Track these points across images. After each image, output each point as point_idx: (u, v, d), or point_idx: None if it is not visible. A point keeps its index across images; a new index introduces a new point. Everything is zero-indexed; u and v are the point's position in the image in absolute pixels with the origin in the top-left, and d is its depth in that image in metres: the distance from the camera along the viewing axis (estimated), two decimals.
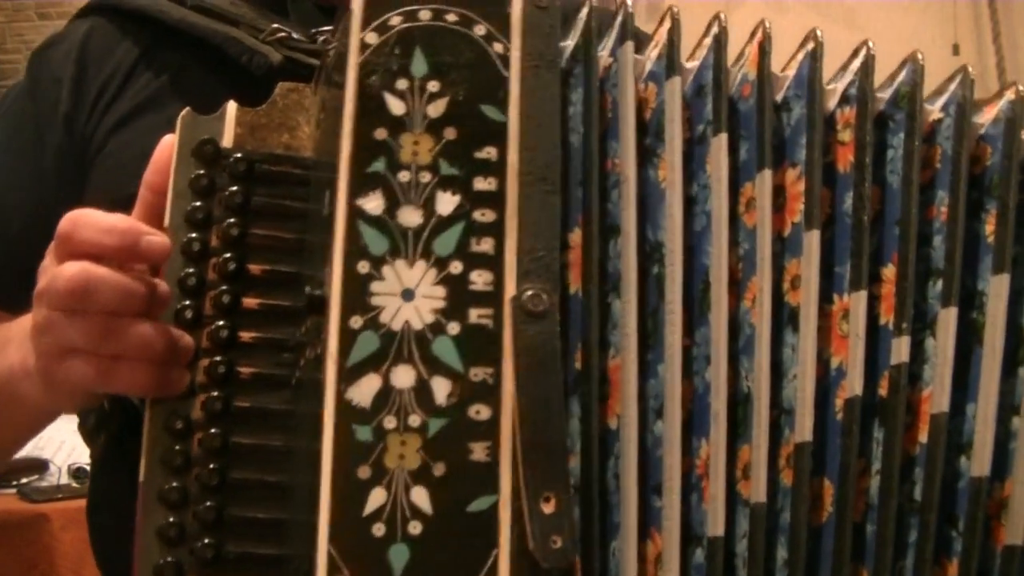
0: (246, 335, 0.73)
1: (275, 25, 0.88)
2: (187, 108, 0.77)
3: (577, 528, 0.61)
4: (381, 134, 0.63)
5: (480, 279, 0.62)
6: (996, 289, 0.72)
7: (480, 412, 0.60)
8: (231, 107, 0.77)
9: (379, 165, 0.63)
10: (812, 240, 0.70)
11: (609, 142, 0.71)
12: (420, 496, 0.58)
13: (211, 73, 0.91)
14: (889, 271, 0.72)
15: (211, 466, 0.70)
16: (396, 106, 0.64)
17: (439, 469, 0.59)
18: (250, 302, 0.74)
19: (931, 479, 0.69)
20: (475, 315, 0.61)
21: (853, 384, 0.69)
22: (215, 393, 0.71)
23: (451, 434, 0.59)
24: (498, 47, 0.65)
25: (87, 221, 0.68)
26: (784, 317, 0.71)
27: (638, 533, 0.66)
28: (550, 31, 0.67)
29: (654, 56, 0.72)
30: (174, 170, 0.75)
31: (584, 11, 0.71)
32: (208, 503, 0.70)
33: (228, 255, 0.73)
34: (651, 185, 0.71)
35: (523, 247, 0.63)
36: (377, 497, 0.58)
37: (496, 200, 0.63)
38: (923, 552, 0.69)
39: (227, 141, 0.76)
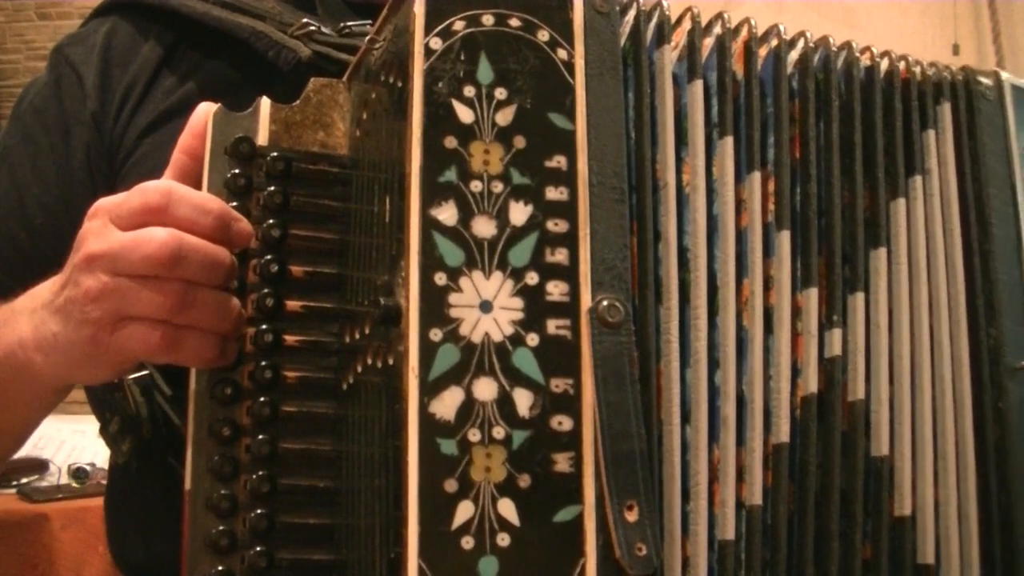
0: (290, 338, 0.72)
1: (304, 19, 0.87)
2: (218, 104, 0.75)
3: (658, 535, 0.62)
4: (451, 143, 0.62)
5: (556, 290, 0.62)
6: (875, 264, 0.74)
7: (562, 423, 0.60)
8: (264, 103, 0.76)
9: (451, 175, 0.62)
10: (783, 241, 0.72)
11: (649, 146, 0.70)
12: (507, 508, 0.59)
13: (237, 69, 0.89)
14: (820, 263, 0.73)
15: (260, 473, 0.70)
16: (464, 114, 0.63)
17: (524, 481, 0.59)
18: (293, 304, 0.73)
19: (854, 468, 0.71)
20: (553, 326, 0.61)
21: (808, 382, 0.71)
22: (262, 398, 0.71)
23: (535, 446, 0.60)
24: (562, 53, 0.65)
25: (183, 196, 0.66)
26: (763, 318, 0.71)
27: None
28: (611, 36, 0.67)
29: (674, 57, 0.72)
30: (207, 168, 0.74)
31: (631, 13, 0.71)
32: (259, 510, 0.69)
33: (270, 257, 0.72)
34: (677, 189, 0.70)
35: (596, 257, 0.63)
36: (465, 510, 0.58)
37: (568, 210, 0.63)
38: (852, 540, 0.70)
39: (262, 139, 0.75)
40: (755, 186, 0.71)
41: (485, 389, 0.60)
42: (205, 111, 0.73)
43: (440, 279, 0.61)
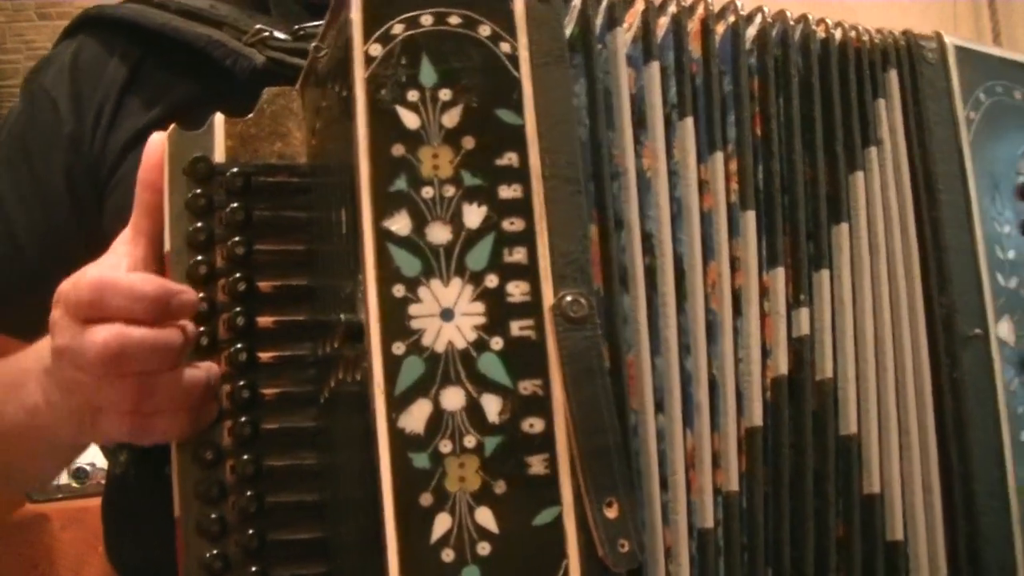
0: (265, 355, 0.72)
1: (258, 26, 0.86)
2: (172, 125, 0.74)
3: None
4: (399, 150, 0.61)
5: (517, 290, 0.61)
6: (838, 240, 0.72)
7: (534, 425, 0.60)
8: (218, 120, 0.75)
9: (401, 183, 0.61)
10: (748, 221, 0.70)
11: (606, 132, 0.69)
12: (485, 516, 0.58)
13: (201, 81, 0.88)
14: (785, 242, 0.71)
15: (248, 493, 0.70)
16: (410, 119, 0.62)
17: (500, 487, 0.59)
18: (265, 321, 0.72)
19: (825, 447, 0.70)
20: (517, 328, 0.60)
21: (778, 363, 0.69)
22: (243, 418, 0.70)
23: (508, 450, 0.59)
24: (505, 47, 0.64)
25: (115, 286, 0.65)
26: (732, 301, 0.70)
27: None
28: (555, 24, 0.65)
29: (628, 39, 0.71)
30: (168, 191, 0.73)
31: None
32: (250, 531, 0.69)
33: (237, 275, 0.72)
34: (638, 173, 0.69)
35: (556, 252, 0.62)
36: (443, 523, 0.58)
37: (523, 207, 0.62)
38: (826, 520, 0.69)
39: (219, 155, 0.74)
40: (718, 166, 0.69)
41: (453, 398, 0.59)
42: (159, 141, 0.73)
43: (398, 291, 0.60)
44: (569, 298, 0.61)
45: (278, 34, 0.86)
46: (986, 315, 0.75)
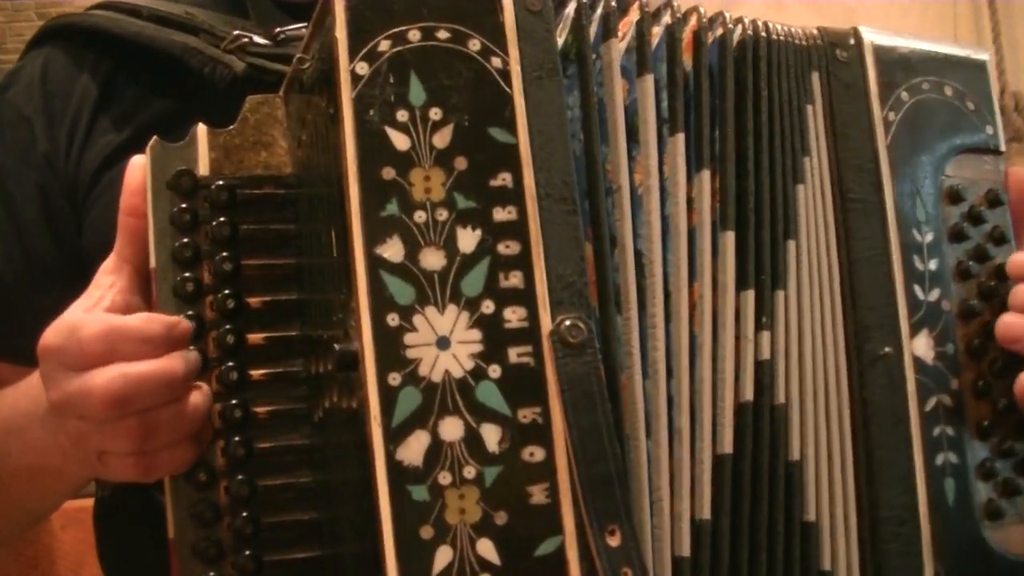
0: (256, 372, 0.71)
1: (236, 32, 0.83)
2: (154, 138, 0.72)
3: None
4: (389, 173, 0.60)
5: (514, 316, 0.60)
6: (788, 259, 0.70)
7: (534, 454, 0.59)
8: (201, 131, 0.73)
9: (392, 208, 0.59)
10: (728, 241, 0.68)
11: (600, 146, 0.66)
12: (486, 548, 0.57)
13: (177, 90, 0.85)
14: (753, 262, 0.69)
15: (243, 514, 0.69)
16: (400, 141, 0.60)
17: (501, 518, 0.58)
18: (255, 337, 0.71)
19: (776, 475, 0.68)
20: (514, 354, 0.59)
21: (744, 389, 0.67)
22: (236, 438, 0.69)
23: (508, 480, 0.58)
24: (496, 61, 0.62)
25: (123, 334, 0.63)
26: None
27: None
28: (546, 36, 0.63)
29: (622, 48, 0.68)
30: (151, 206, 0.71)
31: (571, 6, 0.67)
32: (247, 552, 0.69)
33: (226, 292, 0.70)
34: (630, 190, 0.67)
35: (552, 275, 0.61)
36: (444, 556, 0.57)
37: (518, 229, 0.60)
38: (775, 551, 0.67)
39: (203, 168, 0.72)
40: (704, 184, 0.68)
41: (451, 429, 0.58)
42: (140, 166, 0.71)
43: (393, 320, 0.58)
44: (568, 322, 0.60)
45: (258, 39, 0.83)
46: (899, 331, 0.72)
